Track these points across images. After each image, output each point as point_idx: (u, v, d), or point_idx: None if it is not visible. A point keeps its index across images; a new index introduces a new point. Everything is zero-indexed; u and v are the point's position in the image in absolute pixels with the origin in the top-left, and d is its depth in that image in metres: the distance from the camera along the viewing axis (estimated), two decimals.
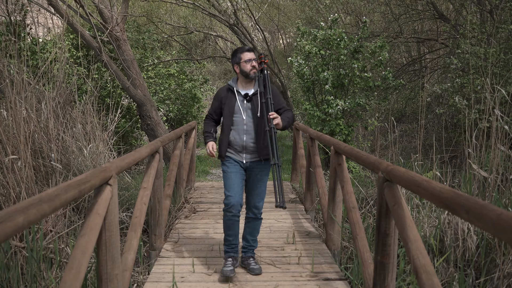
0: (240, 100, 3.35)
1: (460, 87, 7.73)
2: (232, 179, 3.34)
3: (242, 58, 3.31)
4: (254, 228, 3.54)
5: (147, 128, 8.09)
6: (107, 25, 7.06)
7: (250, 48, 3.37)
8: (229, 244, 3.47)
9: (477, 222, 1.40)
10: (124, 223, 4.68)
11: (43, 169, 4.56)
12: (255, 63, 3.30)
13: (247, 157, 3.38)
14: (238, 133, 3.35)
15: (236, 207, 3.31)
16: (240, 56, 3.33)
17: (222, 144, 3.38)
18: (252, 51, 3.33)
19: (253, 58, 3.30)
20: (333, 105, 7.85)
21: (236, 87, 3.39)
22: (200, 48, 19.07)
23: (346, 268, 3.80)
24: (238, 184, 3.34)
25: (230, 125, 3.36)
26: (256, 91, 3.35)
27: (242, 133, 3.34)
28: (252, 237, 3.56)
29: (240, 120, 3.34)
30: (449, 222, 3.70)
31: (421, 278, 1.95)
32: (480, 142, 4.49)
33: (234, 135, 3.36)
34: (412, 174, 2.08)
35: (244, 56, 3.31)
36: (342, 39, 8.05)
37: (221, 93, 3.44)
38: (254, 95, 3.36)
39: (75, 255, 1.85)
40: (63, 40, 5.89)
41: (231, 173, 3.35)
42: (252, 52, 3.33)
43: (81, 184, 1.87)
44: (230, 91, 3.41)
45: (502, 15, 8.22)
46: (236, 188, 3.32)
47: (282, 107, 3.38)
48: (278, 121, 3.19)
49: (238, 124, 3.35)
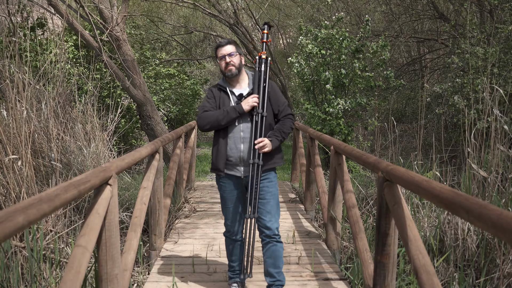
0: (234, 101, 2.85)
1: (460, 87, 7.72)
2: (228, 206, 2.93)
3: (217, 55, 2.84)
4: (275, 257, 2.86)
5: (147, 128, 8.09)
6: (107, 25, 7.05)
7: (227, 41, 2.84)
8: (233, 270, 3.12)
9: (477, 222, 1.40)
10: (124, 223, 4.68)
11: (43, 169, 4.56)
12: (231, 58, 2.78)
13: (245, 171, 2.83)
14: (234, 142, 2.81)
15: (237, 233, 2.99)
16: (216, 53, 2.87)
17: (219, 156, 2.83)
18: (228, 44, 2.82)
19: (228, 53, 2.77)
20: (334, 104, 7.85)
21: (228, 86, 2.90)
22: (200, 48, 19.06)
23: (346, 268, 3.80)
24: (237, 210, 2.93)
25: (227, 132, 2.82)
26: (251, 90, 2.87)
27: (239, 142, 2.80)
28: (276, 269, 2.89)
29: (235, 126, 2.82)
30: (449, 222, 3.70)
31: (421, 278, 1.95)
32: (479, 142, 4.48)
33: (230, 144, 2.82)
34: (412, 174, 2.08)
35: (218, 52, 2.83)
36: (344, 38, 8.03)
37: (214, 93, 2.92)
38: (249, 95, 2.85)
39: (75, 255, 1.85)
40: (63, 40, 5.88)
41: (227, 200, 2.92)
42: (229, 45, 2.81)
43: (81, 184, 1.87)
44: (222, 92, 2.90)
45: (502, 15, 8.22)
46: (234, 215, 2.93)
47: (282, 110, 2.89)
48: (268, 149, 2.76)
49: (234, 132, 2.81)
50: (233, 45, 2.84)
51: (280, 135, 2.82)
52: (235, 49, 2.82)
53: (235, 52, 2.81)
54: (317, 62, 8.17)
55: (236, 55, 2.81)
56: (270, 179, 2.89)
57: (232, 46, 2.82)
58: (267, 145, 2.75)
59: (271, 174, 2.90)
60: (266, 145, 2.75)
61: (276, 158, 2.90)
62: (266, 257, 2.89)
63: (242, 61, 2.88)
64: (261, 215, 2.83)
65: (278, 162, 2.92)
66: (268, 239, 2.84)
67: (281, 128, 2.83)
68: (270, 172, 2.89)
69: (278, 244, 2.86)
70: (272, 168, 2.91)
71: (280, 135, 2.82)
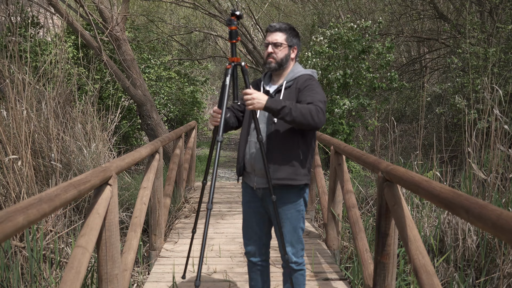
0: None
1: (461, 87, 7.73)
2: (246, 220, 2.51)
3: (265, 39, 2.38)
4: (297, 286, 2.48)
5: (147, 128, 8.09)
6: (107, 25, 7.06)
7: (278, 27, 2.32)
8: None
9: (477, 222, 1.40)
10: (124, 223, 4.68)
11: (43, 169, 4.56)
12: (275, 49, 2.30)
13: (258, 182, 2.37)
14: (249, 147, 2.39)
15: (254, 254, 2.53)
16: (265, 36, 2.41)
17: (237, 160, 2.47)
18: (279, 31, 2.31)
19: (274, 41, 2.29)
20: (341, 104, 7.86)
21: (264, 81, 2.44)
22: (200, 48, 19.06)
23: (346, 268, 3.80)
24: (254, 227, 2.48)
25: (247, 135, 2.41)
26: (279, 87, 2.35)
27: (253, 147, 2.36)
28: None
29: (250, 127, 2.41)
30: (449, 222, 3.70)
31: (421, 278, 1.95)
32: (480, 141, 4.49)
33: (246, 149, 2.41)
34: (412, 174, 2.08)
35: (266, 36, 2.38)
36: (356, 40, 8.03)
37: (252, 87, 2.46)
38: (278, 91, 2.35)
39: (75, 255, 1.85)
40: (63, 40, 5.89)
41: (243, 212, 2.52)
42: (279, 33, 2.31)
43: (81, 184, 1.87)
44: (257, 86, 2.46)
45: (502, 15, 8.22)
46: (250, 233, 2.49)
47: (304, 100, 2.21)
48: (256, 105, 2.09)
49: (251, 135, 2.39)
50: (285, 33, 2.31)
51: (288, 104, 2.09)
52: (284, 38, 2.31)
53: (283, 43, 2.30)
54: (326, 62, 8.15)
55: (284, 47, 2.31)
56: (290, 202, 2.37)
57: (283, 34, 2.31)
58: (256, 100, 2.09)
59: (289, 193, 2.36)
60: (254, 100, 2.09)
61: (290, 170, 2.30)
62: (284, 283, 2.56)
63: (292, 54, 2.36)
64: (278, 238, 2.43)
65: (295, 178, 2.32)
66: (285, 265, 2.50)
67: (295, 103, 2.13)
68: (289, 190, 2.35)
69: (296, 271, 2.47)
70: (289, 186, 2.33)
71: (289, 104, 2.09)
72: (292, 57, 2.37)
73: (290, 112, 2.08)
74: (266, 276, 2.58)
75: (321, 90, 2.28)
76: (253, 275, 2.57)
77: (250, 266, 2.57)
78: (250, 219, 2.49)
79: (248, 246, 2.52)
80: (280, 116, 2.10)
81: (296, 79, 2.34)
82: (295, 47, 2.36)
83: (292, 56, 2.36)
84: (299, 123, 2.12)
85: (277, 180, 2.29)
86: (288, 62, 2.36)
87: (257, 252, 2.51)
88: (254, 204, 2.45)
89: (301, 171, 2.33)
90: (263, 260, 2.54)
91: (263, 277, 2.57)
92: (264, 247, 2.52)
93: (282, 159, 2.29)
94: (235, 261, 3.75)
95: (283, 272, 2.55)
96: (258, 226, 2.47)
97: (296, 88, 2.30)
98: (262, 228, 2.48)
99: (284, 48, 2.32)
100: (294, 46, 2.36)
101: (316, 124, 2.13)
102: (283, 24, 2.34)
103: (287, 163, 2.29)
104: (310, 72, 2.39)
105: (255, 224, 2.47)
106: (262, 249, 2.51)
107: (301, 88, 2.28)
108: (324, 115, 2.17)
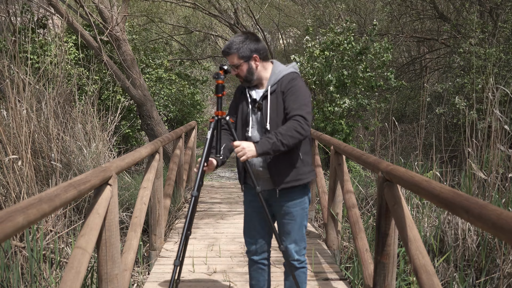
0: (251, 105, 2.38)
1: (461, 87, 7.73)
2: (248, 219, 2.53)
3: None
4: (298, 283, 2.45)
5: (147, 128, 8.08)
6: (107, 25, 7.05)
7: (227, 51, 2.32)
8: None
9: (477, 222, 1.40)
10: (124, 223, 4.68)
11: (43, 169, 4.56)
12: (237, 71, 2.33)
13: (262, 185, 2.42)
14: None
15: (256, 252, 2.54)
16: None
17: (238, 170, 2.50)
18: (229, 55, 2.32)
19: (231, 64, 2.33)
20: (340, 103, 7.86)
21: (249, 87, 2.42)
22: (200, 48, 19.07)
23: (346, 268, 3.80)
24: (256, 225, 2.50)
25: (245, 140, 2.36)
26: (265, 93, 2.33)
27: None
28: None
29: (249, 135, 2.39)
30: (449, 222, 3.70)
31: (421, 278, 1.95)
32: (480, 141, 4.48)
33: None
34: (412, 174, 2.08)
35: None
36: (350, 42, 8.05)
37: (237, 93, 2.48)
38: (264, 98, 2.33)
39: (75, 255, 1.85)
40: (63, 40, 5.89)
41: (245, 211, 2.55)
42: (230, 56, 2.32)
43: (81, 184, 1.87)
44: (242, 93, 2.44)
45: (502, 15, 8.22)
46: (252, 232, 2.51)
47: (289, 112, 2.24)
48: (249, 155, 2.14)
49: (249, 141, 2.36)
50: (235, 52, 2.29)
51: (274, 137, 2.15)
52: (236, 58, 2.29)
53: (237, 62, 2.30)
54: (320, 63, 8.16)
55: (242, 65, 2.30)
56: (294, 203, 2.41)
57: (233, 54, 2.29)
58: (246, 150, 2.14)
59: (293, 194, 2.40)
60: (245, 150, 2.14)
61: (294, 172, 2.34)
62: (285, 281, 2.56)
63: (253, 64, 2.31)
64: (281, 235, 2.46)
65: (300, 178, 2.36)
66: (286, 263, 2.50)
67: (279, 130, 2.18)
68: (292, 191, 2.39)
69: (298, 269, 2.48)
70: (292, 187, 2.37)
71: (275, 137, 2.15)
72: (257, 65, 2.32)
73: (281, 143, 2.15)
74: (267, 275, 2.60)
75: (304, 88, 2.30)
76: (254, 274, 2.58)
77: (251, 264, 2.58)
78: (252, 218, 2.50)
79: (250, 244, 2.53)
80: (275, 151, 2.17)
81: (280, 80, 2.32)
82: (254, 55, 2.30)
83: (256, 64, 2.32)
84: (293, 144, 2.20)
85: (283, 184, 2.33)
86: (258, 72, 2.34)
87: (258, 251, 2.53)
88: (256, 204, 2.46)
89: (304, 170, 2.37)
90: (264, 259, 2.56)
91: (264, 276, 2.58)
92: (265, 246, 2.54)
93: (284, 164, 2.32)
94: (235, 261, 3.75)
95: (284, 270, 2.56)
96: (260, 225, 2.49)
97: (280, 91, 2.30)
98: (264, 227, 2.50)
99: (243, 65, 2.30)
100: (253, 55, 2.30)
101: (304, 136, 2.21)
102: (231, 42, 2.31)
103: (290, 167, 2.33)
104: (292, 69, 2.38)
105: (257, 223, 2.49)
106: (263, 248, 2.53)
107: (285, 91, 2.29)
108: (309, 121, 2.22)
